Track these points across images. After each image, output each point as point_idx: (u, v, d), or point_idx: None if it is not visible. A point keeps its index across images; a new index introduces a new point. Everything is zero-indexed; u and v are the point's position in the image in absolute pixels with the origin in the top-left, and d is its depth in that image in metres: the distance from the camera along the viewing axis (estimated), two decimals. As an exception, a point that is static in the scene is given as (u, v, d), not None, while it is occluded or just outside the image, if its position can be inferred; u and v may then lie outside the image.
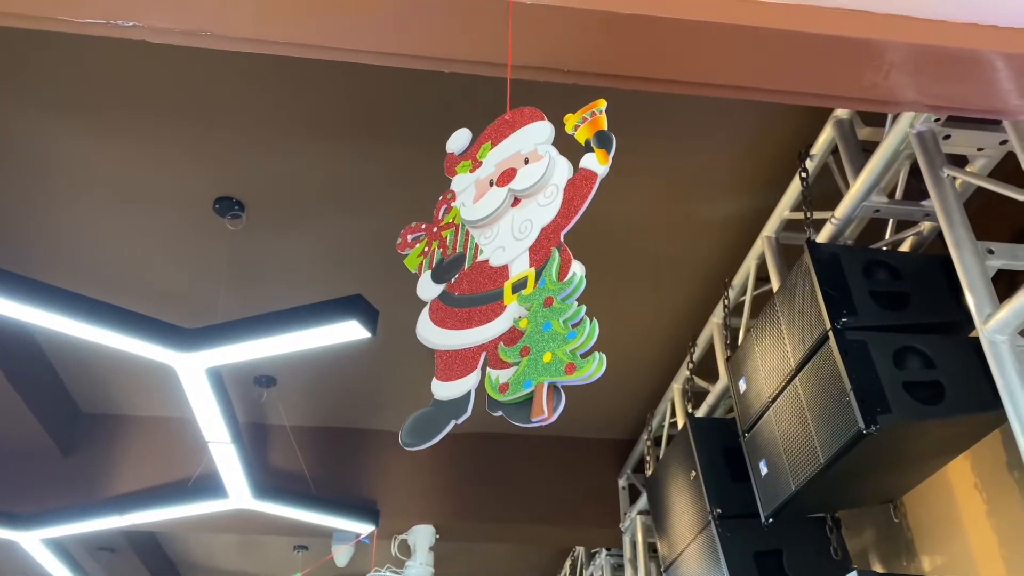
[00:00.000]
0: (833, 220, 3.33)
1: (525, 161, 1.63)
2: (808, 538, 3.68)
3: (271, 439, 5.93)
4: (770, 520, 3.35)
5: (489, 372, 1.47)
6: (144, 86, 3.47)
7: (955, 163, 2.85)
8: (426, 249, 1.79)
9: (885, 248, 3.41)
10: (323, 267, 4.51)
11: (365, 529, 5.74)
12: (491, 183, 1.69)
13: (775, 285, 3.75)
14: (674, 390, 5.12)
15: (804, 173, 3.52)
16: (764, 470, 3.36)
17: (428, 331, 1.65)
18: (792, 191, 3.75)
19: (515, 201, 1.63)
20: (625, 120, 1.53)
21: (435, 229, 1.81)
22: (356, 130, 3.69)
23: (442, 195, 1.84)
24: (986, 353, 2.46)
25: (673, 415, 5.19)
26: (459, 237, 1.73)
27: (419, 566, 5.72)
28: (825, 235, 3.38)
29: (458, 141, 1.84)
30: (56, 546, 5.90)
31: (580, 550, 7.27)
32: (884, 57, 1.80)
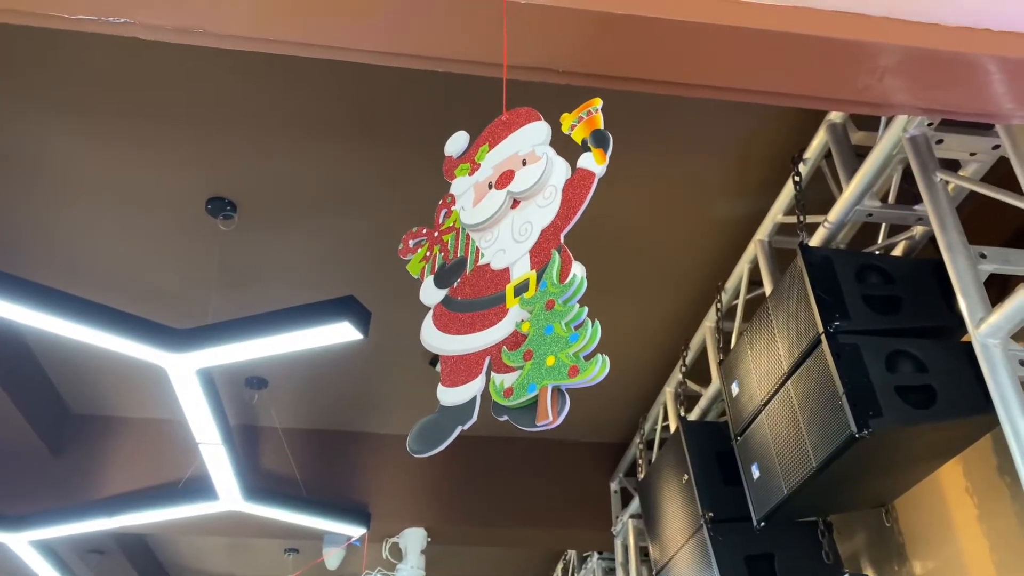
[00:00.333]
0: (826, 224, 3.33)
1: (523, 162, 1.62)
2: (800, 542, 3.67)
3: (262, 441, 5.90)
4: (762, 524, 3.35)
5: (493, 377, 1.47)
6: (136, 86, 3.46)
7: (948, 167, 2.85)
8: (428, 254, 1.78)
9: (878, 252, 3.41)
10: (315, 268, 4.50)
11: (356, 532, 5.72)
12: (490, 186, 1.68)
13: (768, 289, 3.75)
14: (666, 393, 5.11)
15: (797, 177, 3.53)
16: (756, 474, 3.36)
17: (432, 337, 1.64)
18: (785, 195, 3.76)
19: (514, 203, 1.63)
20: (618, 124, 1.53)
21: (436, 234, 1.80)
22: (349, 131, 3.68)
23: (442, 199, 1.83)
24: (978, 357, 2.46)
25: (665, 419, 5.19)
26: (460, 241, 1.72)
27: (410, 569, 5.70)
28: (818, 239, 3.39)
29: (456, 144, 1.84)
30: (44, 548, 5.86)
31: (572, 554, 7.26)
32: (878, 60, 1.80)
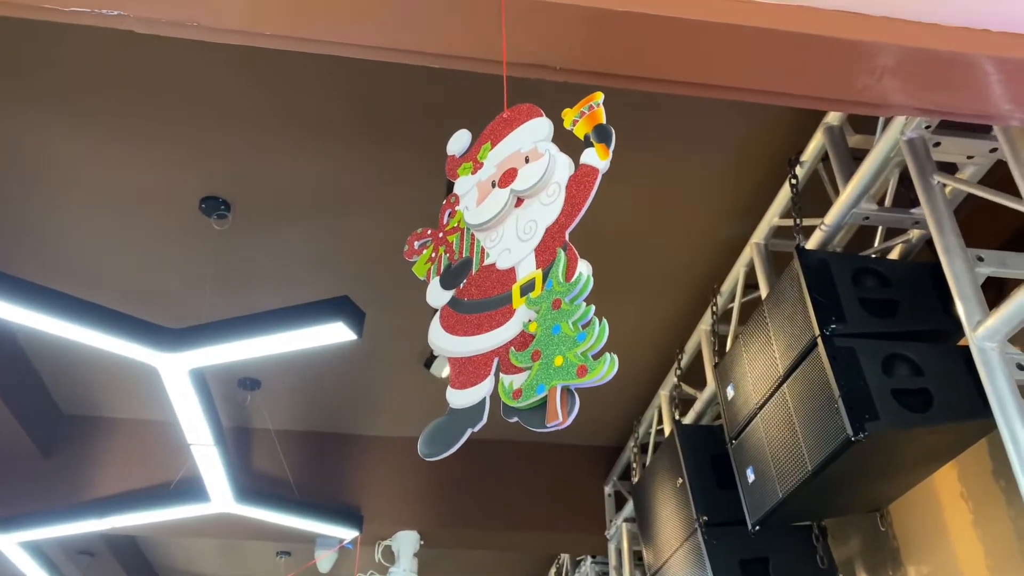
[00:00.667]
0: (823, 227, 3.33)
1: (525, 160, 1.61)
2: (794, 546, 3.67)
3: (255, 443, 5.88)
4: (757, 528, 3.34)
5: (502, 378, 1.45)
6: (130, 84, 3.44)
7: (945, 170, 2.85)
8: (433, 255, 1.77)
9: (874, 255, 3.40)
10: (309, 269, 4.48)
11: (349, 535, 5.69)
12: (493, 184, 1.67)
13: (764, 292, 3.74)
14: (661, 397, 5.10)
15: (794, 179, 3.52)
16: (751, 477, 3.35)
17: (440, 338, 1.63)
18: (781, 198, 3.75)
19: (518, 202, 1.61)
20: (615, 126, 1.51)
21: (441, 234, 1.78)
22: (345, 130, 3.66)
23: (446, 199, 1.81)
24: (976, 360, 2.45)
25: (660, 422, 5.18)
26: (465, 241, 1.71)
27: (403, 572, 5.67)
28: (814, 242, 3.38)
29: (458, 143, 1.82)
30: (35, 549, 5.82)
31: (565, 557, 7.24)
32: (877, 59, 1.80)
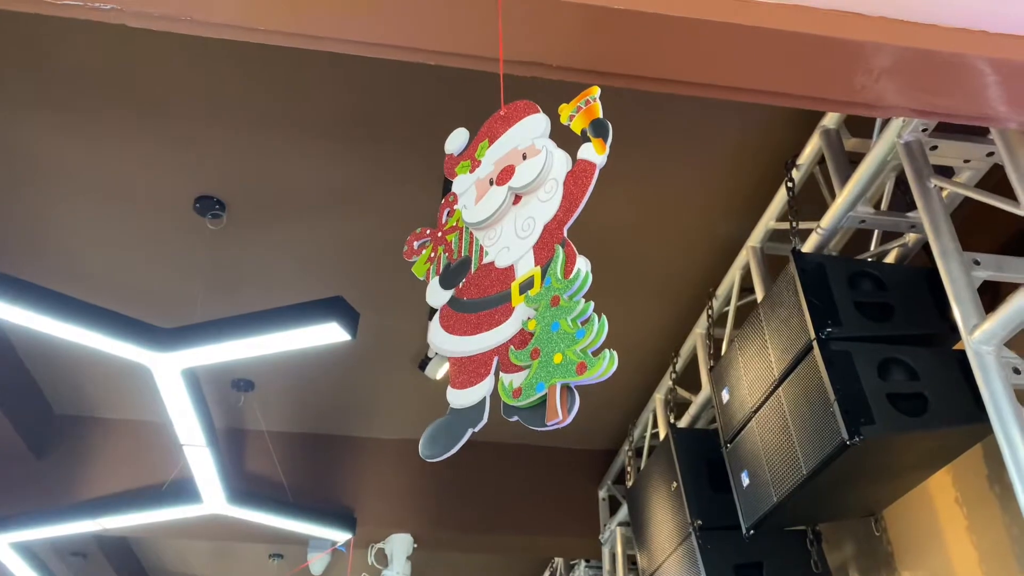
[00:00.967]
0: (819, 230, 3.32)
1: (523, 157, 1.60)
2: (788, 551, 3.66)
3: (248, 444, 5.85)
4: (751, 532, 3.32)
5: (502, 377, 1.45)
6: (124, 81, 3.42)
7: (942, 174, 2.84)
8: (432, 255, 1.76)
9: (870, 259, 3.40)
10: (304, 269, 4.46)
11: (342, 537, 5.67)
12: (491, 182, 1.66)
13: (759, 295, 3.73)
14: (656, 400, 5.09)
15: (791, 183, 3.52)
16: (746, 481, 3.34)
17: (440, 339, 1.62)
18: (778, 201, 3.74)
19: (516, 199, 1.60)
20: (611, 129, 1.51)
21: (440, 234, 1.77)
22: (342, 130, 3.65)
23: (444, 198, 1.80)
24: (972, 364, 2.44)
25: (655, 426, 5.16)
26: (464, 240, 1.70)
27: (396, 575, 5.65)
28: (810, 245, 3.37)
29: (456, 141, 1.81)
30: (26, 550, 5.79)
31: (559, 561, 7.22)
32: (875, 60, 1.79)
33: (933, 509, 3.52)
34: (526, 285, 1.48)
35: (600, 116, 1.52)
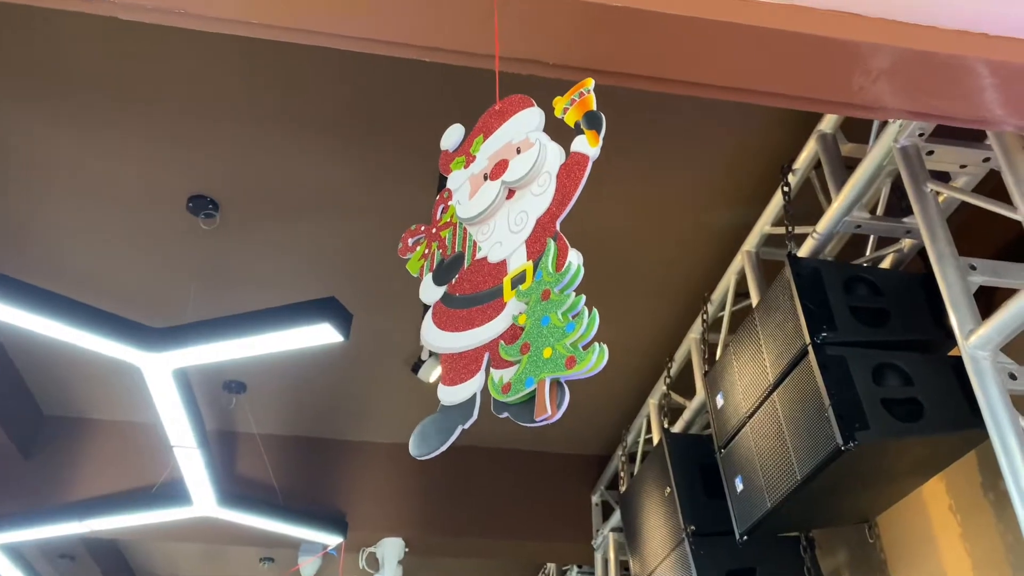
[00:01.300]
0: (815, 235, 3.31)
1: (517, 151, 1.59)
2: (782, 557, 3.65)
3: (239, 446, 5.81)
4: (744, 538, 3.31)
5: (492, 373, 1.43)
6: (116, 78, 3.39)
7: (938, 179, 2.84)
8: (426, 252, 1.74)
9: (865, 265, 3.39)
10: (298, 269, 4.43)
11: (333, 541, 5.64)
12: (485, 177, 1.64)
13: (754, 300, 3.72)
14: (650, 405, 5.08)
15: (786, 187, 3.51)
16: (740, 487, 3.32)
17: (432, 335, 1.60)
18: (773, 206, 3.74)
19: (510, 193, 1.59)
20: (607, 132, 1.49)
21: (434, 230, 1.75)
22: (337, 131, 3.63)
23: (439, 194, 1.78)
24: (967, 369, 2.43)
25: (649, 431, 5.15)
26: (458, 236, 1.68)
27: (387, 580, 5.62)
28: (806, 250, 3.37)
29: (451, 138, 1.80)
30: (13, 552, 5.75)
31: (552, 567, 7.20)
32: (874, 61, 1.78)
33: (927, 516, 3.50)
34: (518, 280, 1.46)
35: (594, 108, 1.50)
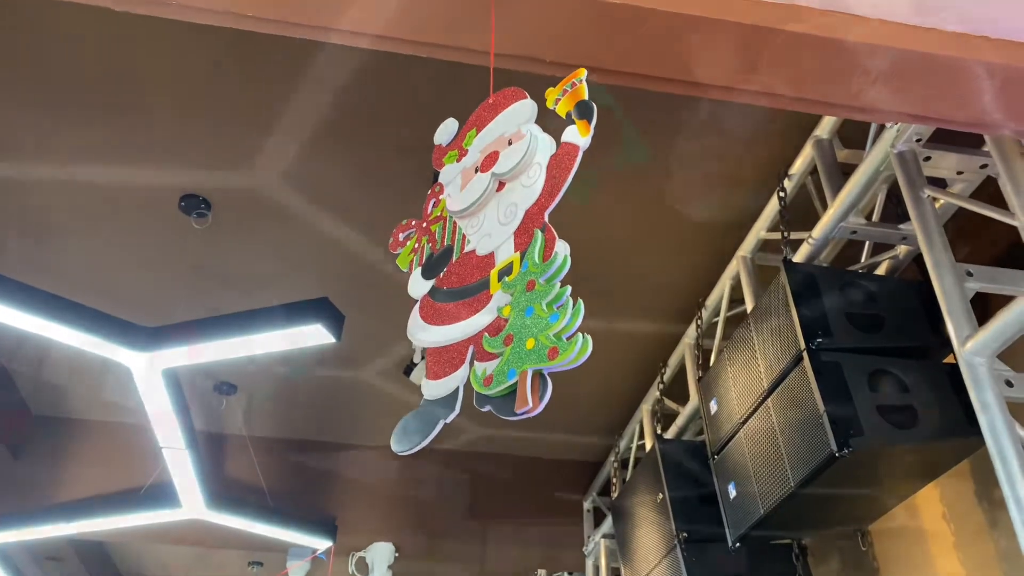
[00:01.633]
0: (810, 241, 3.30)
1: (508, 143, 1.57)
2: (774, 564, 3.63)
3: (229, 449, 5.77)
4: (737, 545, 3.29)
5: (476, 366, 1.40)
6: (109, 75, 3.37)
7: (934, 185, 2.83)
8: (416, 246, 1.73)
9: (861, 271, 3.38)
10: (290, 270, 4.41)
11: (322, 545, 5.60)
12: (476, 170, 1.63)
13: (749, 305, 3.71)
14: (643, 411, 5.05)
15: (782, 192, 3.50)
16: (733, 493, 3.30)
17: (418, 329, 1.60)
18: (769, 211, 3.72)
19: (500, 186, 1.57)
20: (601, 138, 1.47)
21: (424, 224, 1.74)
22: (330, 131, 3.60)
23: (431, 189, 1.76)
24: (964, 375, 2.42)
25: (641, 437, 5.12)
26: (447, 229, 1.67)
27: (377, 584, 5.59)
28: (801, 256, 3.35)
29: (445, 132, 1.79)
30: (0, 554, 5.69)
31: (542, 573, 7.15)
32: (873, 62, 1.77)
33: (920, 525, 3.49)
34: (505, 272, 1.44)
35: (586, 98, 1.49)
